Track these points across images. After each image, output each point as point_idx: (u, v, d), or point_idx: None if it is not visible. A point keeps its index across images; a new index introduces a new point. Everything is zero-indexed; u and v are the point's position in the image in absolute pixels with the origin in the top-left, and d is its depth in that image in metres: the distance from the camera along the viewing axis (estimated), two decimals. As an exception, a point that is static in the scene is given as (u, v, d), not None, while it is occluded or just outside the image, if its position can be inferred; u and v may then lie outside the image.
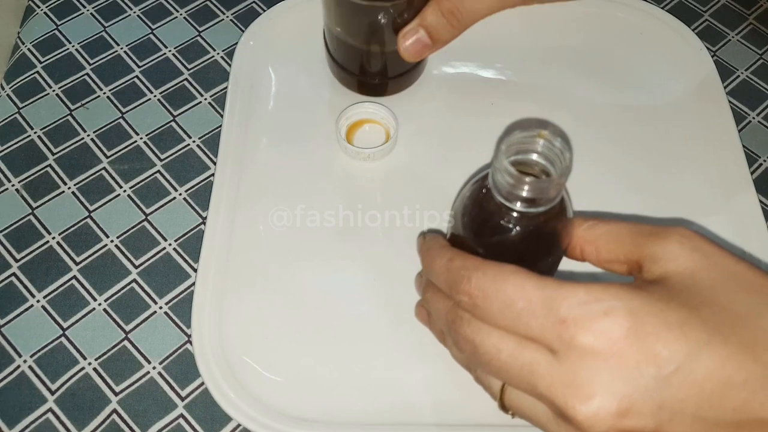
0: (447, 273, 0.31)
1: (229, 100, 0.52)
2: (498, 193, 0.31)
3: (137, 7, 0.59)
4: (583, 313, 0.26)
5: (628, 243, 0.31)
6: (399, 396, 0.42)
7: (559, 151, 0.31)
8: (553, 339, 0.27)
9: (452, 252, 0.32)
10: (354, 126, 0.51)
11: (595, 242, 0.33)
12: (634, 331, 0.26)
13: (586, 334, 0.26)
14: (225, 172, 0.49)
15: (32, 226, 0.49)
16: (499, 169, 0.30)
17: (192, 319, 0.44)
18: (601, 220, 0.33)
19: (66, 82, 0.55)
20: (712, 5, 0.60)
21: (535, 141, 0.31)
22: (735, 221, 0.48)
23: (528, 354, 0.28)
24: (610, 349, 0.26)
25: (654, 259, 0.30)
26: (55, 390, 0.43)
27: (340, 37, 0.48)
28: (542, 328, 0.27)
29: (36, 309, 0.46)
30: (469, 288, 0.30)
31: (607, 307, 0.26)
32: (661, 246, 0.30)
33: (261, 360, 0.43)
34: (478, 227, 0.34)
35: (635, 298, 0.27)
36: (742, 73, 0.57)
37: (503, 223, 0.32)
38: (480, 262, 0.30)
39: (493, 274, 0.29)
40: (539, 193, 0.30)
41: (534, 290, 0.28)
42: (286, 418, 0.41)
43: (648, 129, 0.53)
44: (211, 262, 0.46)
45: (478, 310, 0.30)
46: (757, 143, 0.53)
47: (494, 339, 0.29)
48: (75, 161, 0.51)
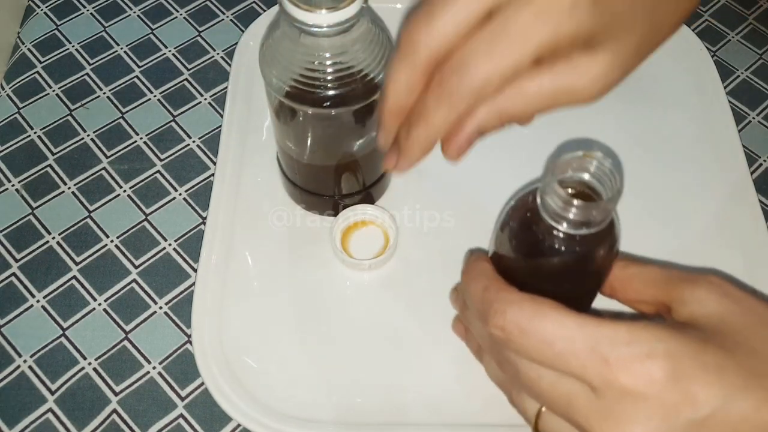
0: (481, 303, 0.31)
1: (229, 100, 0.52)
2: (546, 213, 0.31)
3: (137, 7, 0.59)
4: (626, 355, 0.27)
5: (658, 286, 0.32)
6: (399, 396, 0.42)
7: (610, 172, 0.30)
8: (593, 377, 0.27)
9: (488, 279, 0.32)
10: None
11: (625, 281, 0.33)
12: (674, 374, 0.26)
13: (629, 375, 0.27)
14: (225, 172, 0.49)
15: (32, 226, 0.49)
16: (548, 190, 0.30)
17: (192, 319, 0.44)
18: (633, 261, 0.34)
19: (66, 82, 0.55)
20: (712, 5, 0.60)
21: (586, 161, 0.31)
22: (735, 221, 0.48)
23: (568, 384, 0.29)
24: (650, 389, 0.26)
25: (683, 302, 0.30)
26: (55, 390, 0.43)
27: (309, 161, 0.44)
28: (583, 367, 0.28)
29: (36, 309, 0.46)
30: (503, 323, 0.30)
31: (649, 349, 0.27)
32: (690, 290, 0.31)
33: (261, 360, 0.43)
34: (523, 246, 0.33)
35: (674, 339, 0.27)
36: (742, 73, 0.57)
37: (549, 243, 0.31)
38: (516, 296, 0.30)
39: (532, 311, 0.29)
40: (588, 217, 0.30)
41: (575, 328, 0.28)
42: (286, 418, 0.41)
43: (648, 129, 0.53)
44: (211, 262, 0.46)
45: (513, 345, 0.30)
46: (757, 143, 0.53)
47: (535, 366, 0.30)
48: (75, 161, 0.51)
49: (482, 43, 0.29)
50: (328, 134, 0.42)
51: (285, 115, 0.42)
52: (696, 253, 0.47)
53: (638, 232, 0.48)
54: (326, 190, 0.47)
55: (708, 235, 0.48)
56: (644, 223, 0.48)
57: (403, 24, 0.36)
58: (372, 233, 0.47)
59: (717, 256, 0.47)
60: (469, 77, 0.29)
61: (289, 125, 0.42)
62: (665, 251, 0.47)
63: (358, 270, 0.46)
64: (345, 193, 0.47)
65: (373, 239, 0.47)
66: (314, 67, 0.38)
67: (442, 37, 0.29)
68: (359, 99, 0.39)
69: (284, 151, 0.45)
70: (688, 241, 0.48)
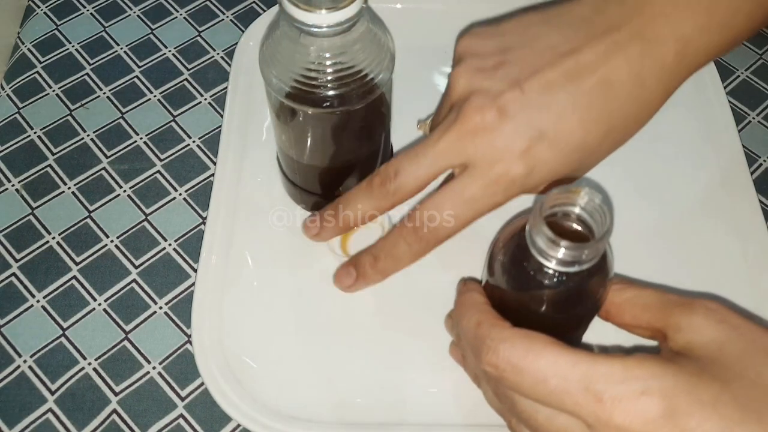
0: (474, 339, 0.32)
1: (229, 100, 0.52)
2: (535, 250, 0.30)
3: (137, 7, 0.59)
4: (620, 393, 0.27)
5: (654, 311, 0.32)
6: (398, 396, 0.42)
7: (600, 208, 0.30)
8: (588, 415, 0.27)
9: (481, 314, 0.32)
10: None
11: (621, 306, 0.33)
12: (669, 410, 0.26)
13: (623, 414, 0.27)
14: (225, 172, 0.49)
15: (32, 226, 0.49)
16: (536, 230, 0.30)
17: (192, 319, 0.44)
18: (629, 284, 0.34)
19: (66, 82, 0.55)
20: (712, 5, 0.60)
21: (575, 197, 0.30)
22: (735, 221, 0.48)
23: (564, 420, 0.29)
24: (645, 428, 0.26)
25: (679, 329, 0.30)
26: (55, 390, 0.43)
27: (309, 162, 0.44)
28: (577, 405, 0.28)
29: (36, 309, 0.46)
30: (496, 360, 0.30)
31: (643, 387, 0.27)
32: (686, 316, 0.30)
33: (261, 360, 0.43)
34: (514, 281, 0.33)
35: (669, 375, 0.27)
36: (742, 73, 0.57)
37: (539, 279, 0.31)
38: (508, 333, 0.30)
39: (524, 348, 0.29)
40: (577, 257, 0.29)
41: (568, 367, 0.28)
42: (286, 418, 0.41)
43: (647, 129, 0.52)
44: (211, 262, 0.46)
45: (507, 382, 0.30)
46: (757, 143, 0.53)
47: (531, 401, 0.30)
48: (75, 161, 0.51)
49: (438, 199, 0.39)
50: (328, 134, 0.42)
51: (285, 115, 0.42)
52: (695, 253, 0.47)
53: (638, 232, 0.48)
54: (326, 190, 0.47)
55: (708, 235, 0.48)
56: (643, 223, 0.48)
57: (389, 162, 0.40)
58: (372, 233, 0.47)
59: (717, 257, 0.47)
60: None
61: (289, 125, 0.42)
62: (665, 251, 0.47)
63: None
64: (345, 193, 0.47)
65: (373, 239, 0.47)
66: (314, 68, 0.38)
67: (407, 185, 0.39)
68: (359, 99, 0.39)
69: (284, 151, 0.45)
70: (688, 242, 0.48)
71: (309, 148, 0.43)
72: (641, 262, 0.46)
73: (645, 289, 0.33)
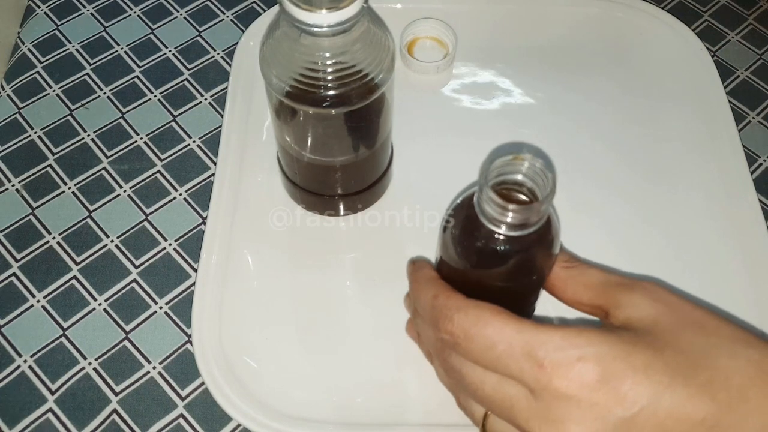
0: (431, 310, 0.33)
1: (229, 100, 0.52)
2: (484, 218, 0.32)
3: (137, 7, 0.59)
4: (558, 359, 0.29)
5: (596, 290, 0.34)
6: (399, 396, 0.42)
7: (542, 172, 0.31)
8: (530, 380, 0.29)
9: (437, 288, 0.34)
10: None
11: (565, 281, 0.35)
12: (604, 375, 0.28)
13: (561, 378, 0.28)
14: (225, 172, 0.49)
15: (32, 226, 0.49)
16: (483, 198, 0.31)
17: (192, 319, 0.44)
18: (575, 263, 0.35)
19: (66, 82, 0.55)
20: (712, 5, 0.60)
21: (517, 164, 0.32)
22: (735, 221, 0.48)
23: (509, 389, 0.30)
24: (582, 391, 0.28)
25: (618, 305, 0.32)
26: (55, 390, 0.43)
27: (309, 161, 0.44)
28: (521, 370, 0.29)
29: (36, 309, 0.46)
30: (452, 328, 0.31)
31: (580, 354, 0.28)
32: (626, 295, 0.32)
33: (261, 360, 0.43)
34: (465, 251, 0.34)
35: (605, 342, 0.29)
36: (742, 73, 0.57)
37: (490, 246, 0.32)
38: (462, 303, 0.32)
39: (475, 316, 0.31)
40: (525, 219, 0.31)
41: (513, 334, 0.30)
42: (286, 418, 0.41)
43: (648, 128, 0.53)
44: (211, 262, 0.46)
45: (460, 349, 0.31)
46: (757, 143, 0.53)
47: (479, 372, 0.32)
48: (75, 161, 0.51)
49: None
50: (328, 134, 0.42)
51: (285, 114, 0.42)
52: (696, 253, 0.47)
53: (638, 232, 0.48)
54: (326, 190, 0.47)
55: (708, 235, 0.48)
56: (643, 223, 0.48)
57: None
58: (427, 45, 0.54)
59: (717, 257, 0.47)
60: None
61: (289, 125, 0.42)
62: (665, 251, 0.47)
63: (425, 74, 0.52)
64: (345, 192, 0.47)
65: (430, 50, 0.54)
66: (314, 67, 0.38)
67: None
68: (359, 99, 0.39)
69: (284, 151, 0.45)
70: (688, 242, 0.48)
71: (309, 148, 0.43)
72: (641, 261, 0.46)
73: (589, 269, 0.35)
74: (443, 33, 0.55)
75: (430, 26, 0.55)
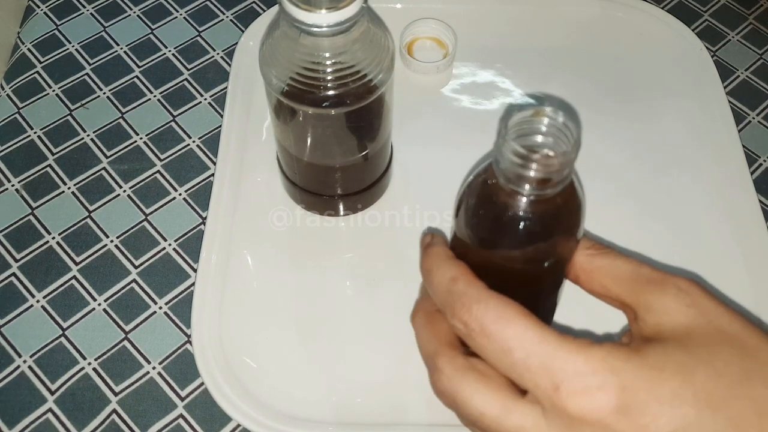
0: (447, 295, 0.31)
1: (229, 100, 0.52)
2: (504, 178, 0.29)
3: (137, 7, 0.59)
4: (577, 385, 0.27)
5: (624, 285, 0.31)
6: (399, 396, 0.42)
7: (564, 127, 0.29)
8: (544, 398, 0.27)
9: (457, 270, 0.31)
10: None
11: (591, 273, 0.32)
12: (625, 406, 0.26)
13: (578, 407, 0.27)
14: (225, 172, 0.49)
15: (32, 226, 0.49)
16: (505, 152, 0.28)
17: (192, 319, 0.44)
18: (603, 251, 0.32)
19: (66, 82, 0.55)
20: (712, 5, 0.60)
21: (537, 121, 0.29)
22: (735, 221, 0.48)
23: (514, 419, 0.28)
24: (599, 421, 0.26)
25: (649, 309, 0.29)
26: (55, 390, 0.43)
27: (308, 161, 0.44)
28: (535, 385, 0.27)
29: (36, 309, 0.46)
30: (468, 318, 0.29)
31: (600, 382, 0.27)
32: (657, 297, 0.29)
33: (261, 360, 0.43)
34: (485, 222, 0.31)
35: (629, 368, 0.27)
36: (742, 73, 0.57)
37: (511, 212, 0.29)
38: (484, 294, 0.29)
39: (495, 313, 0.29)
40: (549, 170, 0.27)
41: (534, 343, 0.28)
42: (286, 418, 0.41)
43: (648, 129, 0.53)
44: (211, 262, 0.46)
45: (472, 341, 0.29)
46: (757, 143, 0.53)
47: (477, 402, 0.29)
48: (75, 161, 0.51)
49: None
50: (328, 134, 0.42)
51: (285, 114, 0.42)
52: (696, 253, 0.47)
53: (638, 232, 0.48)
54: (326, 190, 0.47)
55: (708, 235, 0.48)
56: (643, 223, 0.48)
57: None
58: (427, 45, 0.55)
59: (717, 256, 0.47)
60: None
61: (289, 125, 0.42)
62: (665, 251, 0.47)
63: (425, 74, 0.53)
64: (345, 192, 0.47)
65: (430, 51, 0.55)
66: (314, 67, 0.38)
67: None
68: (359, 99, 0.39)
69: (284, 151, 0.45)
70: (688, 242, 0.48)
71: (309, 148, 0.43)
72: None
73: (618, 259, 0.31)
74: (443, 33, 0.55)
75: (429, 26, 0.55)
